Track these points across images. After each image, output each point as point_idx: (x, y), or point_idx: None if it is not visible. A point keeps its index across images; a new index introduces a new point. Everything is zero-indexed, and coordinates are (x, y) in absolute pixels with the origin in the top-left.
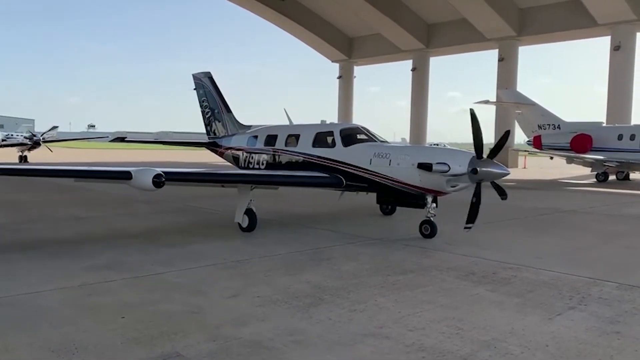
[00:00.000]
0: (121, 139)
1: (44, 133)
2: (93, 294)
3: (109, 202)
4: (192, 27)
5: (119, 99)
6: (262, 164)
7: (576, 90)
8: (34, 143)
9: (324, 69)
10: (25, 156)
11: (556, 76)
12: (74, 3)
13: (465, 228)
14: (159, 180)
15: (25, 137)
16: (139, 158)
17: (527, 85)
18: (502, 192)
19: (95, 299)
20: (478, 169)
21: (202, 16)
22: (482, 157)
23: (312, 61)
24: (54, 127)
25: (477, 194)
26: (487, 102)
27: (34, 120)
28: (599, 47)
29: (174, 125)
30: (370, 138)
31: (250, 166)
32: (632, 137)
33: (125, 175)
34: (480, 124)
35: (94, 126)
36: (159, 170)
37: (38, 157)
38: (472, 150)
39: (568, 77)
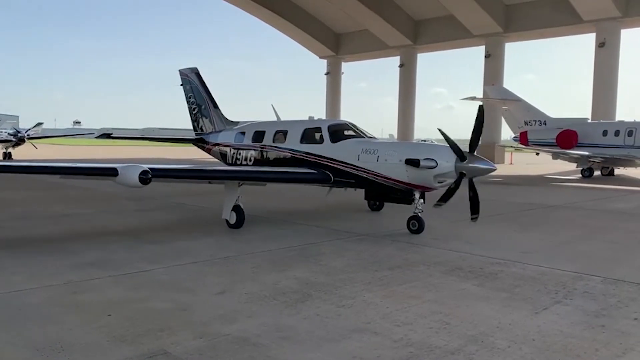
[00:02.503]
0: (107, 136)
1: (29, 129)
2: (78, 291)
3: (95, 200)
4: (179, 24)
5: (105, 95)
6: (250, 161)
7: (562, 86)
8: (18, 140)
9: (311, 65)
10: (10, 153)
11: (542, 72)
12: None
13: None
14: (145, 177)
15: (9, 134)
16: (125, 155)
17: (513, 81)
18: (475, 211)
19: (81, 297)
20: (465, 165)
21: (189, 13)
22: (473, 153)
23: (299, 57)
24: (39, 124)
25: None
26: (473, 98)
27: (18, 116)
28: (584, 44)
29: (161, 121)
30: (358, 134)
31: (238, 162)
32: (617, 133)
33: (111, 172)
34: (484, 121)
35: (80, 122)
36: (145, 166)
37: (22, 154)
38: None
39: (554, 74)
